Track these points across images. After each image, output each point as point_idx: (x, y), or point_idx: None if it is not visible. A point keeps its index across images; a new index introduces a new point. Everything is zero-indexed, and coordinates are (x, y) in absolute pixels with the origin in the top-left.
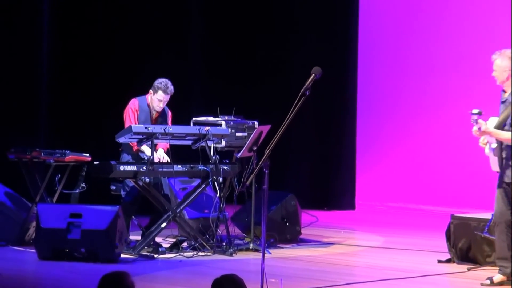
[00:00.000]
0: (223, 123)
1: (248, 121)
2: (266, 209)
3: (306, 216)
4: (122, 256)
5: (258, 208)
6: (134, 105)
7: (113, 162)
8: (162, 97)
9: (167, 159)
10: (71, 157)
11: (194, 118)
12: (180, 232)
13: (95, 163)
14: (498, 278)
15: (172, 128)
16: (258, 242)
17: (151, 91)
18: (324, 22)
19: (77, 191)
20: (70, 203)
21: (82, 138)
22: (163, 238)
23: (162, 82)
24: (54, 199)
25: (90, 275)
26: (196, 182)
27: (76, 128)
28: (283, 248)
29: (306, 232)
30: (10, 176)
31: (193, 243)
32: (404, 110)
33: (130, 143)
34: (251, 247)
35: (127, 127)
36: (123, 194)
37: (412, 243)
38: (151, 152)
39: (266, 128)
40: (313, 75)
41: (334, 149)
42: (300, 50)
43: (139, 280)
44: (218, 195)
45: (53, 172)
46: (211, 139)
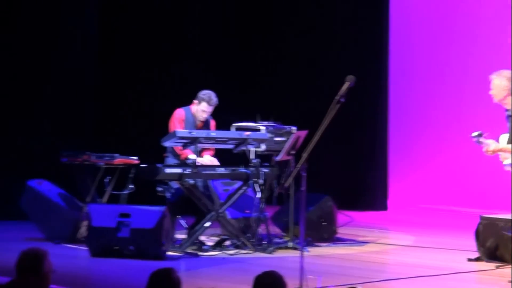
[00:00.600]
0: (263, 128)
1: (286, 126)
2: (304, 209)
3: (342, 216)
4: (168, 253)
5: (297, 208)
6: (179, 115)
7: (159, 165)
8: (205, 108)
9: (215, 161)
10: (120, 160)
11: (235, 124)
12: (223, 231)
13: (142, 165)
14: None
15: (214, 133)
16: (297, 241)
17: (195, 101)
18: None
19: (125, 192)
20: (119, 204)
21: (130, 142)
22: (207, 237)
23: (206, 94)
24: (104, 200)
25: (138, 271)
26: (237, 184)
27: (125, 133)
28: (320, 246)
29: (342, 232)
30: (63, 178)
31: (235, 242)
32: (435, 111)
33: (178, 151)
34: (290, 246)
35: (172, 132)
36: (168, 196)
37: (443, 242)
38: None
39: (303, 133)
40: (347, 83)
41: (367, 152)
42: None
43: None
44: (259, 196)
45: (103, 174)
46: (252, 143)
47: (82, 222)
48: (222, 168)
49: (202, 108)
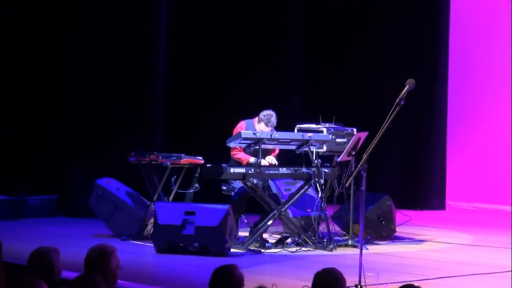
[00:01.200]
0: (325, 130)
1: (348, 128)
2: (363, 208)
3: (400, 215)
4: (232, 250)
5: (356, 207)
6: (241, 128)
7: (224, 165)
8: (264, 128)
9: (275, 162)
10: (185, 160)
11: (298, 125)
12: (285, 229)
13: (207, 165)
14: None
15: (277, 134)
16: (356, 239)
17: (257, 119)
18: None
19: (191, 191)
20: (185, 202)
21: (196, 143)
22: (269, 235)
23: (266, 116)
24: (170, 198)
25: (203, 268)
26: (299, 183)
27: (191, 134)
28: (379, 244)
29: (400, 230)
30: (131, 177)
31: (296, 239)
32: (495, 111)
33: (238, 158)
34: (349, 244)
35: (237, 133)
36: (232, 194)
37: (500, 241)
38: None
39: (364, 134)
40: (407, 86)
41: (426, 152)
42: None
43: (247, 272)
44: (320, 195)
45: (169, 173)
46: (314, 144)
47: (149, 220)
48: (284, 168)
49: (260, 128)
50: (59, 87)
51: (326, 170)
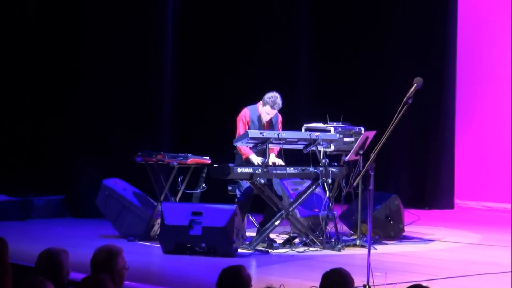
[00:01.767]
0: (332, 129)
1: (355, 127)
2: (371, 208)
3: (409, 214)
4: (239, 251)
5: (364, 207)
6: (245, 116)
7: (231, 165)
8: (269, 111)
9: (279, 162)
10: (192, 160)
11: (305, 124)
12: (293, 229)
13: (214, 165)
14: None
15: (285, 134)
16: (364, 239)
17: (261, 102)
18: (423, 29)
19: (198, 191)
20: (192, 202)
21: (203, 142)
22: (277, 235)
23: (272, 98)
24: (177, 198)
25: (210, 268)
26: (307, 183)
27: (197, 133)
28: (387, 244)
29: (409, 230)
30: (138, 177)
31: (304, 239)
32: (504, 109)
33: (241, 151)
34: (357, 243)
35: (244, 133)
36: (238, 194)
37: (509, 241)
38: (257, 160)
39: (372, 133)
40: (415, 85)
41: (434, 151)
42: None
43: (255, 273)
44: (327, 195)
45: (176, 173)
46: (321, 143)
47: (156, 220)
48: (292, 168)
49: (266, 111)
50: (66, 87)
51: (334, 170)
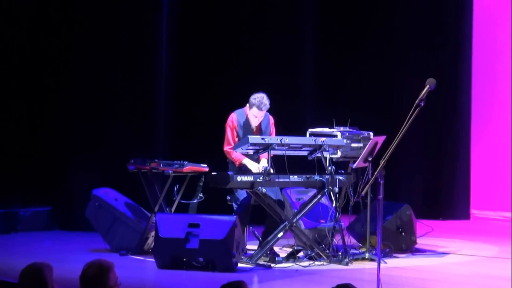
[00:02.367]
0: (339, 134)
1: (363, 132)
2: (381, 219)
3: (421, 225)
4: (239, 265)
5: (374, 218)
6: (232, 121)
7: (230, 173)
8: (257, 113)
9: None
10: (189, 167)
11: (310, 129)
12: (297, 242)
13: (212, 173)
14: None
15: (288, 139)
16: (374, 252)
17: (247, 105)
18: (435, 28)
19: (195, 201)
20: (188, 213)
21: (200, 150)
22: (280, 248)
23: (257, 98)
24: (173, 209)
25: (208, 284)
26: (312, 192)
27: (194, 140)
28: (398, 257)
29: (421, 242)
30: (130, 187)
31: (309, 253)
32: None
33: (231, 157)
34: (366, 257)
35: (244, 138)
36: (234, 207)
37: None
38: (253, 166)
39: (381, 138)
40: (427, 86)
41: (448, 158)
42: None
43: None
44: (334, 205)
45: (171, 182)
46: (327, 149)
47: (150, 233)
48: (295, 176)
49: (253, 113)
50: (54, 92)
51: (341, 178)
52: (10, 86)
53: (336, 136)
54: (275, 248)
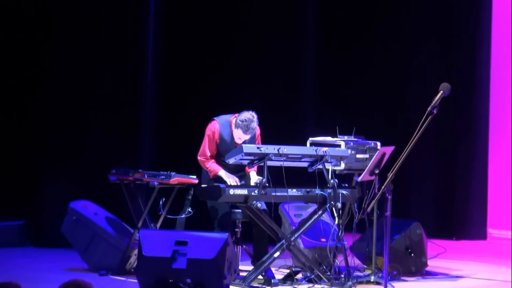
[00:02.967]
0: (342, 143)
1: (370, 141)
2: (388, 238)
3: (433, 246)
4: (231, 287)
5: (380, 236)
6: (213, 132)
7: (222, 185)
8: (241, 136)
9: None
10: (176, 179)
11: (310, 138)
12: (295, 262)
13: (202, 186)
14: None
15: (286, 149)
16: (380, 274)
17: (233, 121)
18: (449, 27)
19: (183, 216)
20: (175, 229)
21: (189, 159)
22: (276, 269)
23: (244, 122)
24: (158, 225)
25: None
26: (312, 208)
27: (183, 148)
28: (407, 281)
29: (433, 264)
30: (111, 200)
31: (308, 275)
32: None
33: (205, 167)
34: (372, 280)
35: (238, 147)
36: (215, 225)
37: None
38: (229, 178)
39: (390, 149)
40: (441, 92)
41: (463, 171)
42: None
43: None
44: (337, 222)
45: (157, 195)
46: (329, 161)
47: (132, 251)
48: (294, 190)
49: (238, 135)
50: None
51: (344, 192)
52: None
53: (339, 146)
54: (271, 269)
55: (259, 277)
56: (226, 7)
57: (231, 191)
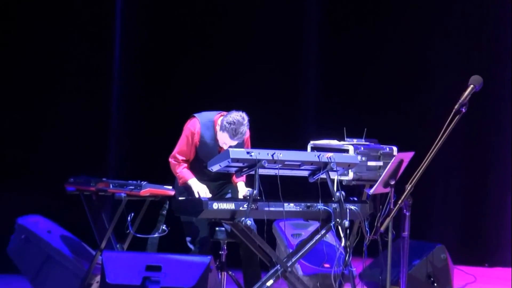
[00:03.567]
0: (351, 148)
1: (384, 146)
2: (406, 263)
3: (460, 274)
4: None
5: (396, 262)
6: (193, 134)
7: (204, 198)
8: (228, 141)
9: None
10: (148, 190)
11: (312, 142)
12: None
13: (180, 198)
14: None
15: (282, 154)
16: None
17: (218, 122)
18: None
19: (156, 235)
20: (147, 251)
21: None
22: None
23: (232, 124)
24: (125, 246)
25: None
26: (313, 226)
27: (156, 153)
28: None
29: None
30: (68, 215)
31: None
32: None
33: (175, 172)
34: None
35: (224, 152)
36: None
37: None
38: (201, 190)
39: (409, 155)
40: (471, 86)
41: (498, 184)
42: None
43: None
44: (343, 244)
45: (124, 209)
46: (335, 169)
47: (94, 277)
48: (292, 204)
49: (223, 139)
50: None
51: (353, 207)
52: None
53: (347, 151)
54: None
55: None
56: None
57: (215, 205)
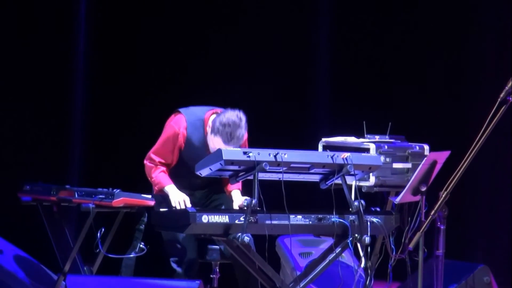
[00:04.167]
0: (372, 146)
1: (414, 144)
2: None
3: None
4: None
5: (429, 286)
6: (176, 134)
7: (190, 209)
8: (220, 145)
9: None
10: (122, 199)
11: (324, 139)
12: None
13: (161, 210)
14: None
15: (288, 154)
16: None
17: (209, 123)
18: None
19: (132, 255)
20: (121, 275)
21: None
22: None
23: (227, 127)
24: (95, 269)
25: None
26: (326, 243)
27: (132, 156)
28: None
29: None
30: (25, 230)
31: None
32: None
33: (149, 177)
34: None
35: (216, 151)
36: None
37: None
38: (179, 198)
39: (443, 155)
40: None
41: None
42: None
43: None
44: (363, 265)
45: (93, 223)
46: (352, 172)
47: None
48: (299, 216)
49: (215, 143)
50: None
51: (375, 220)
52: None
53: (367, 150)
54: None
55: None
56: None
57: (204, 218)
